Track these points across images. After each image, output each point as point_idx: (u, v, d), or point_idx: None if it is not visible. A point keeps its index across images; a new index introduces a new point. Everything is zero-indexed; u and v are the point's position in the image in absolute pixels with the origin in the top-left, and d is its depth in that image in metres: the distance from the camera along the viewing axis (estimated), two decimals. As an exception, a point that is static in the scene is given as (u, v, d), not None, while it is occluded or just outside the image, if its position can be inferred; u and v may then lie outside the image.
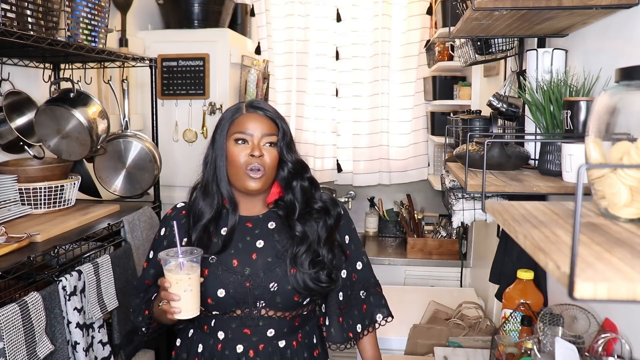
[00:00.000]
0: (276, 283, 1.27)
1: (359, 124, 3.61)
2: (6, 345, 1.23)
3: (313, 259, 1.29)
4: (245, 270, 1.28)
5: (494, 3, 1.16)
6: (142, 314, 1.37)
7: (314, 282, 1.28)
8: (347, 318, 1.41)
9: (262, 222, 1.35)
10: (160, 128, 2.50)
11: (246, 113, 1.31)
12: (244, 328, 1.29)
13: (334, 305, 1.41)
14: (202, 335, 1.34)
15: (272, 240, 1.32)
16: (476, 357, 1.77)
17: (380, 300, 1.46)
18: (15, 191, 1.78)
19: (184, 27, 3.04)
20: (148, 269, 1.38)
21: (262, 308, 1.28)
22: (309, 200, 1.34)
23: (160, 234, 1.39)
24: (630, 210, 0.69)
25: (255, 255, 1.30)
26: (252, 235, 1.33)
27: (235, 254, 1.30)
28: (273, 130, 1.30)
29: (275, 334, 1.30)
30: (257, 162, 1.27)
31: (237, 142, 1.29)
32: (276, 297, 1.28)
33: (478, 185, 1.15)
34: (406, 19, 3.49)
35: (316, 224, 1.33)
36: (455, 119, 1.99)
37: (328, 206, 1.37)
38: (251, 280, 1.27)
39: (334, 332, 1.41)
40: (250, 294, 1.27)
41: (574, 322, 1.28)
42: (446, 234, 3.36)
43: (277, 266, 1.29)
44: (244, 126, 1.29)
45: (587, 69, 1.30)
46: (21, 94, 1.96)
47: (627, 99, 0.71)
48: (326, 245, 1.32)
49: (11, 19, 1.50)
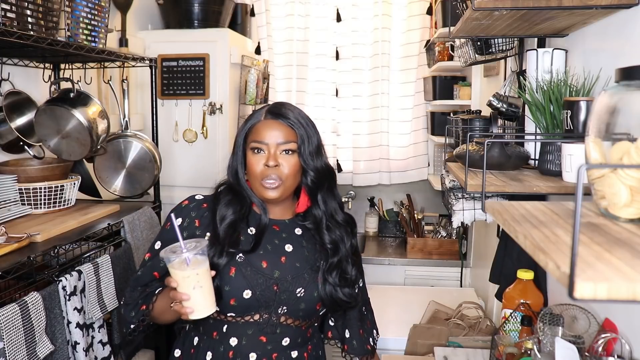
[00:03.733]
0: (303, 289, 1.25)
1: (359, 124, 3.61)
2: (6, 345, 1.22)
3: (342, 275, 1.28)
4: (274, 273, 1.24)
5: (494, 3, 1.16)
6: (136, 308, 1.28)
7: (339, 296, 1.26)
8: (364, 332, 1.43)
9: (289, 227, 1.32)
10: (160, 128, 2.50)
11: (264, 120, 1.26)
12: (260, 335, 1.25)
13: (354, 318, 1.42)
14: (211, 342, 1.27)
15: (301, 247, 1.30)
16: (476, 357, 1.77)
17: (373, 317, 1.51)
18: (15, 191, 1.78)
19: (184, 27, 3.04)
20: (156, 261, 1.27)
21: (282, 315, 1.25)
22: (333, 213, 1.32)
23: (173, 224, 1.24)
24: (630, 210, 0.69)
25: (284, 258, 1.27)
26: (280, 238, 1.29)
27: (265, 256, 1.26)
28: (291, 138, 1.24)
29: (290, 344, 1.28)
30: (272, 173, 1.22)
31: (254, 150, 1.24)
32: (300, 303, 1.25)
33: (478, 185, 1.15)
34: (406, 19, 3.49)
35: (344, 239, 1.31)
36: (455, 119, 1.99)
37: (350, 222, 1.36)
38: (279, 284, 1.24)
39: (357, 345, 1.41)
40: (277, 298, 1.23)
41: (574, 322, 1.28)
42: (446, 234, 3.36)
43: (305, 272, 1.27)
44: (260, 134, 1.24)
45: (587, 69, 1.30)
46: (21, 94, 1.96)
47: (627, 99, 0.71)
48: (354, 265, 1.32)
49: (11, 19, 1.50)
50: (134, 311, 1.28)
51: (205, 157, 2.96)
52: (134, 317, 1.28)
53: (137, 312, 1.28)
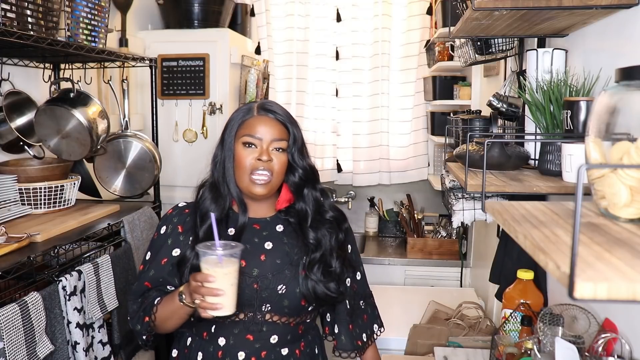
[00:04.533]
0: (285, 285, 1.25)
1: (359, 124, 3.61)
2: (6, 345, 1.22)
3: (325, 269, 1.27)
4: (254, 272, 1.25)
5: (494, 3, 1.16)
6: (140, 321, 1.28)
7: (323, 290, 1.25)
8: (355, 327, 1.41)
9: (269, 224, 1.32)
10: (160, 128, 2.50)
11: (257, 115, 1.27)
12: (246, 334, 1.26)
13: (343, 312, 1.40)
14: (201, 343, 1.29)
15: (282, 243, 1.30)
16: (476, 357, 1.77)
17: (374, 311, 1.48)
18: (15, 191, 1.78)
19: (184, 27, 3.04)
20: (147, 271, 1.31)
21: (267, 312, 1.25)
22: (319, 209, 1.33)
23: (159, 233, 1.33)
24: (630, 210, 0.69)
25: (264, 256, 1.27)
26: (260, 236, 1.30)
27: (243, 255, 1.25)
28: (283, 135, 1.26)
29: (279, 341, 1.28)
30: (264, 166, 1.23)
31: (246, 145, 1.25)
32: (283, 300, 1.25)
33: (478, 185, 1.15)
34: (406, 19, 3.49)
35: (329, 234, 1.31)
36: (455, 119, 1.99)
37: (339, 218, 1.36)
38: (259, 282, 1.24)
39: (345, 340, 1.39)
40: (258, 296, 1.24)
41: (574, 322, 1.28)
42: (446, 234, 3.36)
43: (286, 268, 1.26)
44: (253, 129, 1.25)
45: (587, 69, 1.30)
46: (21, 94, 1.96)
47: (627, 99, 0.71)
48: (339, 259, 1.31)
49: (11, 19, 1.50)
50: (139, 324, 1.30)
51: (205, 157, 2.94)
52: (141, 329, 1.29)
53: (142, 324, 1.29)
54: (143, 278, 1.32)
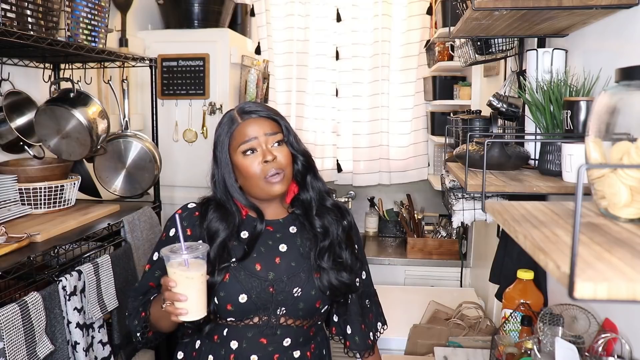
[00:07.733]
0: (300, 288, 1.24)
1: (359, 124, 3.61)
2: (6, 345, 1.23)
3: (335, 259, 1.27)
4: (269, 275, 1.23)
5: (494, 3, 1.16)
6: (138, 316, 1.29)
7: (336, 278, 1.25)
8: (365, 326, 1.41)
9: (283, 226, 1.31)
10: (160, 128, 2.50)
11: (242, 122, 1.24)
12: (260, 337, 1.24)
13: (355, 313, 1.39)
14: (212, 346, 1.27)
15: (295, 245, 1.29)
16: (476, 357, 1.77)
17: (379, 309, 1.48)
18: (15, 191, 1.78)
19: (184, 27, 3.04)
20: (152, 271, 1.30)
21: (282, 316, 1.24)
22: (322, 199, 1.33)
23: (168, 235, 1.30)
24: (630, 210, 0.69)
25: (278, 259, 1.26)
26: (274, 239, 1.28)
27: (258, 258, 1.25)
28: (275, 128, 1.25)
29: (291, 344, 1.27)
30: (274, 167, 1.22)
31: (246, 153, 1.24)
32: (299, 303, 1.24)
33: (478, 185, 1.15)
34: (406, 19, 3.49)
35: (335, 222, 1.31)
36: (455, 119, 1.99)
37: (340, 206, 1.36)
38: (275, 285, 1.23)
39: (359, 340, 1.39)
40: (273, 299, 1.22)
41: (574, 322, 1.28)
42: (446, 234, 3.36)
43: (301, 271, 1.25)
44: (245, 135, 1.23)
45: (587, 69, 1.30)
46: (21, 94, 1.96)
47: (627, 99, 0.71)
48: (348, 249, 1.30)
49: (11, 19, 1.50)
50: (136, 319, 1.29)
51: (205, 157, 2.91)
52: (137, 326, 1.29)
53: (138, 320, 1.29)
54: (148, 278, 1.31)
